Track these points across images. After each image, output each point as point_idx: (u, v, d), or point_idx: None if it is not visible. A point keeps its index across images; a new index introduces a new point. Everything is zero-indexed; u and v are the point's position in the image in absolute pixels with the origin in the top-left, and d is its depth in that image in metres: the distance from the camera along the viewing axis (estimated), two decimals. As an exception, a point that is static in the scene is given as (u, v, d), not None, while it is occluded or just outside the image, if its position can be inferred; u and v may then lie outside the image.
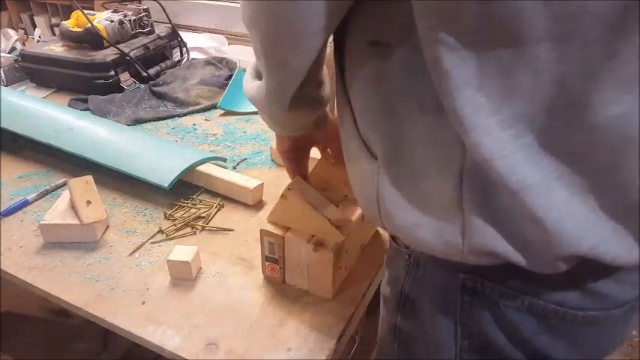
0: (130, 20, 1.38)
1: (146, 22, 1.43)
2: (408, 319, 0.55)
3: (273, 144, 1.02)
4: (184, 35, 1.57)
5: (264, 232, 0.69)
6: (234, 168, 1.01)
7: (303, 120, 0.60)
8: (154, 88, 1.31)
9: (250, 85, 0.56)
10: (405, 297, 0.54)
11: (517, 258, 0.42)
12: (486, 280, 0.46)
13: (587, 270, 0.42)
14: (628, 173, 0.37)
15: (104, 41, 1.31)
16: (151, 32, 1.44)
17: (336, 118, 0.58)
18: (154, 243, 0.82)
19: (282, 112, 0.53)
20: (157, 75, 1.39)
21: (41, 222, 0.80)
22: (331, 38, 0.48)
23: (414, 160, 0.44)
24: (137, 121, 1.19)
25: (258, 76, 0.54)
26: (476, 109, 0.37)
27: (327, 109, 0.65)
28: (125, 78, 1.34)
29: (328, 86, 0.59)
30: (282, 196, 0.66)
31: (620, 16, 0.33)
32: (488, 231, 0.41)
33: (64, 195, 0.86)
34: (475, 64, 0.36)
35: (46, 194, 0.93)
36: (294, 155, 0.69)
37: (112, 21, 1.34)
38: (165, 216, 0.87)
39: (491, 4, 0.33)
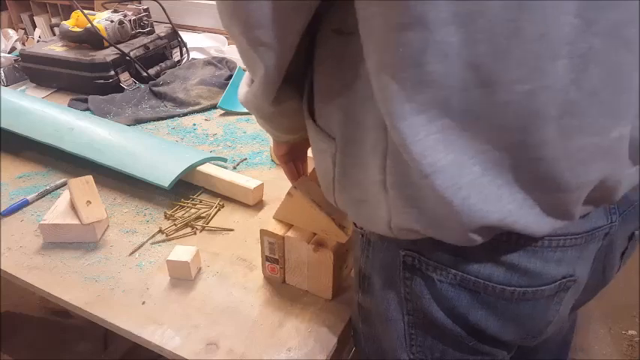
0: (130, 20, 1.38)
1: (146, 22, 1.43)
2: (366, 295, 0.58)
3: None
4: (184, 35, 1.58)
5: (264, 232, 0.69)
6: (234, 168, 1.01)
7: (296, 118, 0.60)
8: (154, 88, 1.31)
9: (243, 90, 0.57)
10: (362, 275, 0.57)
11: (433, 233, 0.45)
12: (422, 256, 0.49)
13: (511, 246, 0.46)
14: (536, 147, 0.39)
15: (104, 41, 1.32)
16: (151, 32, 1.45)
17: None
18: (154, 243, 0.82)
19: (270, 105, 0.54)
20: (157, 75, 1.39)
21: (41, 222, 0.80)
22: None
23: (364, 141, 0.46)
24: (137, 121, 1.19)
25: (251, 82, 0.56)
26: (390, 95, 0.38)
27: None
28: (125, 78, 1.34)
29: None
30: (289, 194, 0.67)
31: None
32: (406, 209, 0.45)
33: (64, 195, 0.86)
34: (387, 52, 0.37)
35: (46, 194, 0.94)
36: (291, 158, 0.70)
37: (112, 21, 1.34)
38: (165, 216, 0.87)
39: None
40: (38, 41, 2.37)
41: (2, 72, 1.40)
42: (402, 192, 0.44)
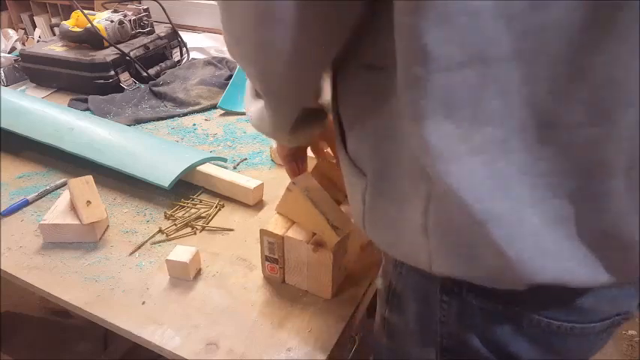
0: (130, 20, 1.38)
1: (146, 22, 1.43)
2: (394, 312, 0.56)
3: (274, 144, 1.02)
4: (184, 35, 1.58)
5: (263, 232, 0.69)
6: (235, 168, 1.01)
7: (309, 136, 0.61)
8: (154, 88, 1.31)
9: (252, 107, 0.57)
10: (392, 290, 0.55)
11: (479, 281, 0.42)
12: (462, 285, 0.46)
13: (563, 289, 0.42)
14: (602, 198, 0.36)
15: (104, 41, 1.32)
16: (151, 32, 1.44)
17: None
18: (154, 243, 0.82)
19: (287, 134, 0.55)
20: (157, 75, 1.39)
21: (41, 222, 0.80)
22: None
23: (397, 181, 0.44)
24: (137, 121, 1.19)
25: (258, 94, 0.55)
26: (443, 135, 0.35)
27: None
28: (125, 78, 1.34)
29: (327, 89, 0.60)
30: (288, 188, 0.67)
31: (583, 32, 0.31)
32: (450, 258, 0.42)
33: (64, 195, 0.86)
34: (442, 91, 0.34)
35: (46, 194, 0.93)
36: (294, 158, 0.71)
37: (112, 21, 1.34)
38: (165, 216, 0.87)
39: (453, 25, 0.32)
40: (38, 41, 2.37)
41: (2, 72, 1.40)
42: (447, 239, 0.41)
